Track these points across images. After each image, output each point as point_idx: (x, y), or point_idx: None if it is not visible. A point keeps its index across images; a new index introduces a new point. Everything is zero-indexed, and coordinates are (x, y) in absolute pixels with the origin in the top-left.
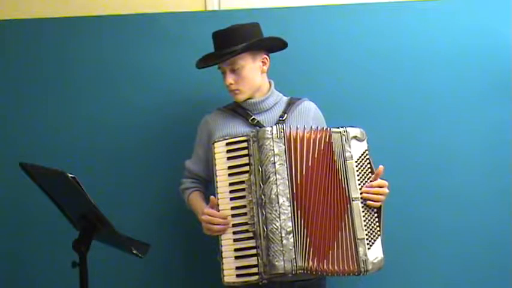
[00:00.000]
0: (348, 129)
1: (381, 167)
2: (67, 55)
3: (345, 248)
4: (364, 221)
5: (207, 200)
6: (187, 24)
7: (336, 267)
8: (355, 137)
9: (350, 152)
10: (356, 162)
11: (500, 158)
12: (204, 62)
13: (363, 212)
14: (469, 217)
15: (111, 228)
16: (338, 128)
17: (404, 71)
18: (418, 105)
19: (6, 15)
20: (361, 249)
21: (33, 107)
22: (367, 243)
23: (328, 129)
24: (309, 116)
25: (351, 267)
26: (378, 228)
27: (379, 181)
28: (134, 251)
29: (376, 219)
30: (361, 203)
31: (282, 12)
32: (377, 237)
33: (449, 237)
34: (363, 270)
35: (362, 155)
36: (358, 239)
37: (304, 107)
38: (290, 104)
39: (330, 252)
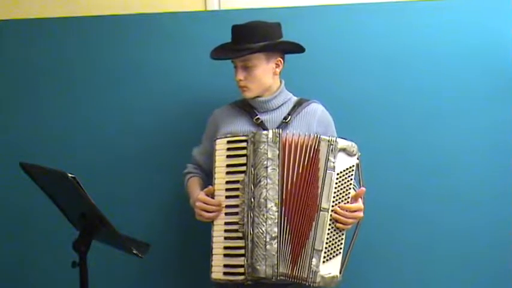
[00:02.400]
0: (338, 139)
1: (363, 189)
2: (67, 55)
3: (305, 256)
4: (328, 234)
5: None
6: (187, 24)
7: (295, 272)
8: (343, 150)
9: (333, 162)
10: (338, 174)
11: (502, 157)
12: (219, 54)
13: (330, 225)
14: (470, 217)
15: (111, 228)
16: (329, 136)
17: (405, 71)
18: (419, 104)
19: (6, 15)
20: (314, 260)
21: (33, 106)
22: (324, 257)
23: (318, 136)
24: (313, 118)
25: (302, 274)
26: (341, 246)
27: (353, 205)
28: (134, 251)
29: (342, 237)
30: (331, 215)
31: (282, 12)
32: (337, 254)
33: (449, 237)
34: (310, 280)
35: (347, 169)
36: (315, 249)
37: (310, 109)
38: (296, 106)
39: (298, 258)
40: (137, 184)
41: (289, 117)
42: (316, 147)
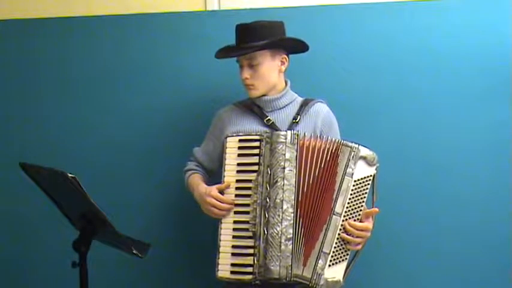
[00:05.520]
0: (361, 147)
1: (376, 209)
2: (67, 55)
3: (312, 257)
4: (337, 238)
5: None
6: (187, 24)
7: (303, 273)
8: (364, 158)
9: (353, 169)
10: (355, 181)
11: (501, 157)
12: (223, 53)
13: (340, 230)
14: (469, 217)
15: (111, 228)
16: (352, 142)
17: (404, 71)
18: (418, 104)
19: (6, 15)
20: (320, 262)
21: (33, 107)
22: (330, 260)
23: (340, 141)
24: (317, 118)
25: (306, 274)
26: (348, 252)
27: (360, 224)
28: (134, 251)
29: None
30: (343, 221)
31: (282, 12)
32: (343, 260)
33: (449, 237)
34: (313, 281)
35: (364, 178)
36: (322, 251)
37: (316, 108)
38: (303, 106)
39: (307, 260)
40: (137, 184)
41: (298, 117)
42: (336, 151)
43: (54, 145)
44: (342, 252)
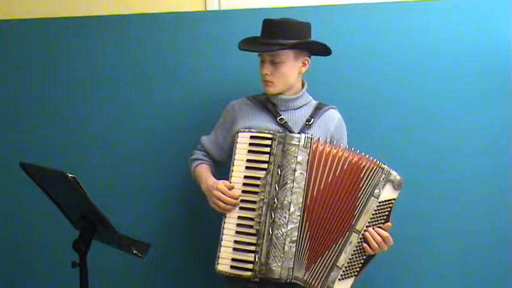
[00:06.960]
0: (392, 171)
1: (389, 224)
2: (67, 55)
3: (321, 267)
4: (352, 254)
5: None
6: (187, 24)
7: (306, 278)
8: (392, 182)
9: (380, 191)
10: (379, 203)
11: (501, 158)
12: (248, 45)
13: (356, 247)
14: (469, 217)
15: (111, 228)
16: (385, 164)
17: (404, 71)
18: (418, 105)
19: (5, 15)
20: (332, 275)
21: (33, 106)
22: (341, 274)
23: (375, 160)
24: (331, 124)
25: (307, 278)
26: (358, 269)
27: (385, 232)
28: (134, 251)
29: (362, 261)
30: (360, 238)
31: (282, 12)
32: (352, 276)
33: (449, 237)
34: None
35: (387, 201)
36: (336, 265)
37: (330, 115)
38: (317, 109)
39: (312, 265)
40: (137, 184)
41: (312, 120)
42: (359, 164)
43: (54, 145)
44: (353, 269)
